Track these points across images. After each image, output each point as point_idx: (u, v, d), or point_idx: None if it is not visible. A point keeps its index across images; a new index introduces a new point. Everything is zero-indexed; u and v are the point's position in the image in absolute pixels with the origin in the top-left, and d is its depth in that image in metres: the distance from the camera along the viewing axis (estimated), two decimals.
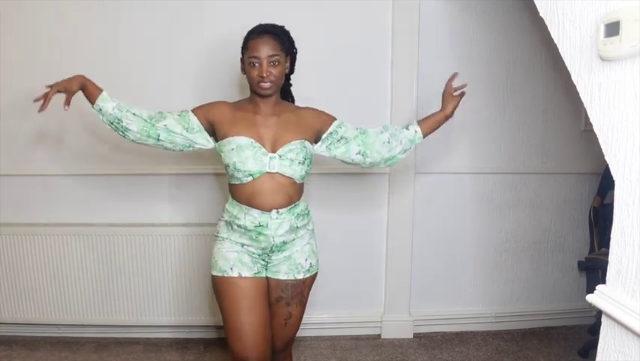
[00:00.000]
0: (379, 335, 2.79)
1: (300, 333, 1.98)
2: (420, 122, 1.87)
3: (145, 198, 2.66)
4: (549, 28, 1.09)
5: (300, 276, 1.77)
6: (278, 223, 1.69)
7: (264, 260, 1.75)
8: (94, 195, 2.64)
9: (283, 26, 1.74)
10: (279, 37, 1.69)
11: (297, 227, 1.74)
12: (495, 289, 2.88)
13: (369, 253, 2.76)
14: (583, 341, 2.60)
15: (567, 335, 2.80)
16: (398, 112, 2.62)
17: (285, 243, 1.73)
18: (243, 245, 1.73)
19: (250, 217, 1.68)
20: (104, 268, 2.60)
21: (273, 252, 1.73)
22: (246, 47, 1.70)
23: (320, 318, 2.72)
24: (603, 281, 1.01)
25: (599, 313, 1.02)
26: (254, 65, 1.66)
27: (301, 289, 1.79)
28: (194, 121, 1.74)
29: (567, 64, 1.05)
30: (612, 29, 0.91)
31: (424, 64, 2.59)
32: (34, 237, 2.58)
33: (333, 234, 2.68)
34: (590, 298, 1.02)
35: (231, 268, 1.70)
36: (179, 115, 1.75)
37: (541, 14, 1.11)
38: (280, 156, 1.67)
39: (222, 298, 1.72)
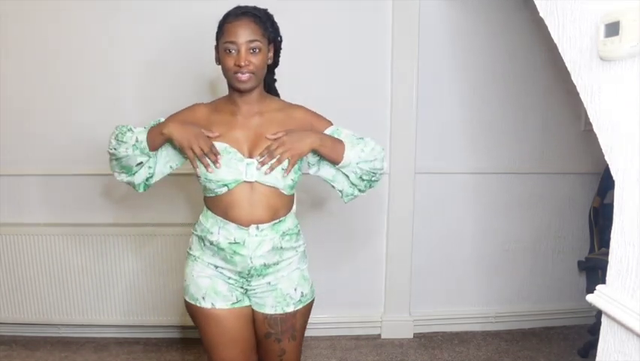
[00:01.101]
0: (379, 335, 2.79)
1: None
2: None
3: (145, 199, 2.63)
4: (549, 29, 1.08)
5: (290, 309, 1.51)
6: (257, 242, 1.43)
7: (242, 287, 1.50)
8: (94, 195, 2.64)
9: (266, 9, 1.48)
10: (261, 20, 1.42)
11: (282, 248, 1.47)
12: (495, 289, 2.88)
13: (369, 253, 2.76)
14: (583, 341, 2.60)
15: (567, 335, 2.80)
16: (398, 112, 2.62)
17: (266, 266, 1.47)
18: (216, 267, 1.48)
19: (225, 232, 1.44)
20: (104, 268, 2.60)
21: (252, 276, 1.48)
22: (221, 31, 1.42)
23: (320, 318, 2.71)
24: (603, 281, 1.01)
25: (599, 313, 1.02)
26: (230, 51, 1.39)
27: (292, 323, 1.54)
28: None
29: (567, 64, 1.05)
30: (612, 29, 0.91)
31: (424, 64, 2.59)
32: (34, 237, 2.58)
33: (332, 234, 2.69)
34: (590, 298, 1.02)
35: (203, 298, 1.47)
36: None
37: (541, 14, 1.10)
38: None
39: (198, 327, 1.53)
